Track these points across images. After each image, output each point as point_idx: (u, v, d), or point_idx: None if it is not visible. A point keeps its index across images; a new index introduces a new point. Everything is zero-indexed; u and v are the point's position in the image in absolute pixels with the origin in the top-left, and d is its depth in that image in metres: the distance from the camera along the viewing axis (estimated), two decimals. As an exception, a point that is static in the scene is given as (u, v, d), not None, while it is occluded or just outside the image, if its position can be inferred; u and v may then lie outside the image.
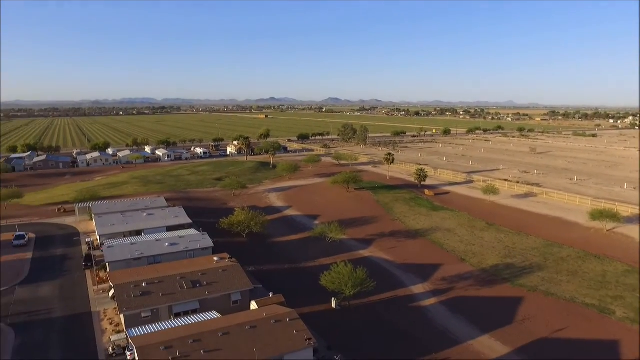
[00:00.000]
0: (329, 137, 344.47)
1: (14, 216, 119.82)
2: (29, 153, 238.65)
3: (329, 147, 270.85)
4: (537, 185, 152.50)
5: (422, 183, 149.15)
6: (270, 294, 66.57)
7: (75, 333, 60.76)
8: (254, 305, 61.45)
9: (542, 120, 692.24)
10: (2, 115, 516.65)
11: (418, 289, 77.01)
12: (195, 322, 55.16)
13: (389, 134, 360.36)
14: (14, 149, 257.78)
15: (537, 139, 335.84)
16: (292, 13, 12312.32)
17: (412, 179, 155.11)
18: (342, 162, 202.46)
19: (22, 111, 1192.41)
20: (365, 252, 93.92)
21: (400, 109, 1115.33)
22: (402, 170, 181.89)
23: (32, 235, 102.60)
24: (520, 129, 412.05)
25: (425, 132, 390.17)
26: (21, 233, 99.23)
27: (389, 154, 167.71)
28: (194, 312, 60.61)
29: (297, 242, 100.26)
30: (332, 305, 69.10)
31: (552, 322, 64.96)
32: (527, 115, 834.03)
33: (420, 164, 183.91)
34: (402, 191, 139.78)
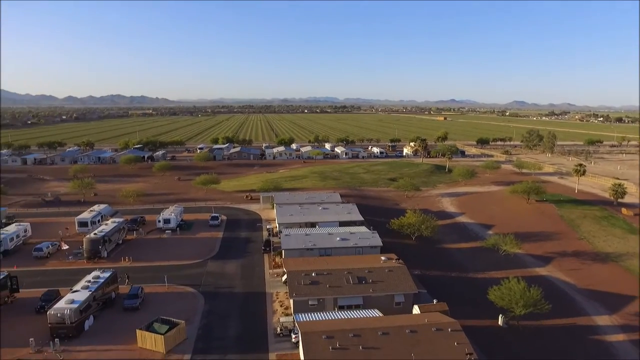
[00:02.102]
0: (511, 143, 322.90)
1: (211, 199, 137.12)
2: (227, 145, 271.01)
3: (510, 154, 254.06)
4: None
5: (619, 200, 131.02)
6: (434, 300, 65.23)
7: (250, 308, 67.22)
8: (416, 310, 60.87)
9: None
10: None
11: (603, 320, 68.19)
12: (357, 317, 56.84)
13: (581, 143, 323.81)
14: (215, 141, 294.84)
15: None
16: (473, 12, 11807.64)
17: (607, 195, 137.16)
18: (524, 170, 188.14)
19: (224, 108, 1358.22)
20: (541, 270, 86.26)
21: (597, 115, 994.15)
22: (594, 184, 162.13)
23: (224, 218, 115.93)
24: None
25: (629, 141, 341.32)
26: (216, 215, 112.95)
27: (580, 164, 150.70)
28: (357, 307, 62.36)
29: (467, 251, 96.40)
30: (499, 323, 65.02)
31: None
32: None
33: (618, 178, 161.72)
34: (592, 207, 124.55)
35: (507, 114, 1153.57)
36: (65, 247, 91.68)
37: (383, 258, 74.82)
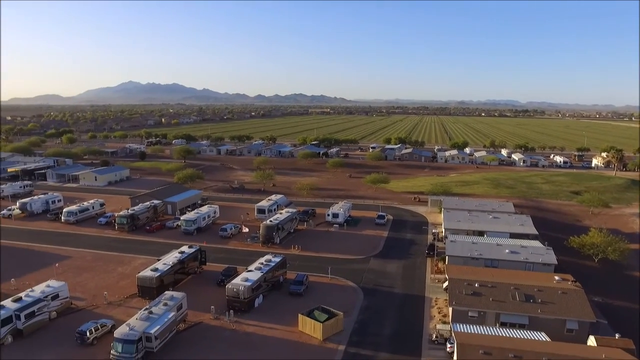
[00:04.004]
0: None
1: (379, 198, 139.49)
2: (399, 145, 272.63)
3: None
4: None
5: None
6: (617, 335, 57.33)
7: (407, 311, 66.91)
8: (591, 341, 54.27)
9: None
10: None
11: None
12: (520, 337, 52.75)
13: None
14: (388, 141, 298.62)
15: None
16: None
17: None
18: None
19: (399, 108, 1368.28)
20: None
21: None
22: None
23: (390, 217, 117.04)
24: None
25: None
26: (382, 214, 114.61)
27: None
28: (521, 327, 57.87)
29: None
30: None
31: None
32: None
33: None
34: None
35: None
36: (245, 230, 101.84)
37: (557, 278, 68.19)
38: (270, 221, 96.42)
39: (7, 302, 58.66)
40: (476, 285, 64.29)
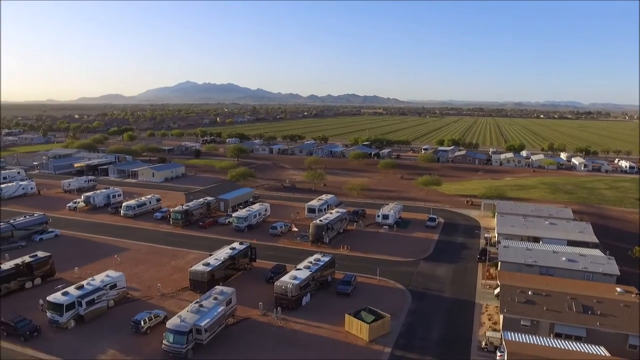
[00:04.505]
0: None
1: (430, 200, 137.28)
2: (452, 147, 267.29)
3: None
4: None
5: None
6: (685, 351, 53.90)
7: (456, 316, 65.47)
8: (656, 357, 51.28)
9: None
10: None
11: None
12: (576, 350, 50.49)
13: None
14: (441, 143, 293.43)
15: None
16: None
17: None
18: None
19: (453, 110, 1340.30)
20: None
21: None
22: None
23: (442, 220, 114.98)
24: None
25: None
26: (433, 216, 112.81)
27: None
28: (578, 339, 55.35)
29: None
30: None
31: None
32: None
33: None
34: None
35: None
36: (295, 229, 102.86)
37: (619, 289, 64.84)
38: (320, 221, 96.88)
39: (71, 289, 62.27)
40: (529, 293, 62.13)
